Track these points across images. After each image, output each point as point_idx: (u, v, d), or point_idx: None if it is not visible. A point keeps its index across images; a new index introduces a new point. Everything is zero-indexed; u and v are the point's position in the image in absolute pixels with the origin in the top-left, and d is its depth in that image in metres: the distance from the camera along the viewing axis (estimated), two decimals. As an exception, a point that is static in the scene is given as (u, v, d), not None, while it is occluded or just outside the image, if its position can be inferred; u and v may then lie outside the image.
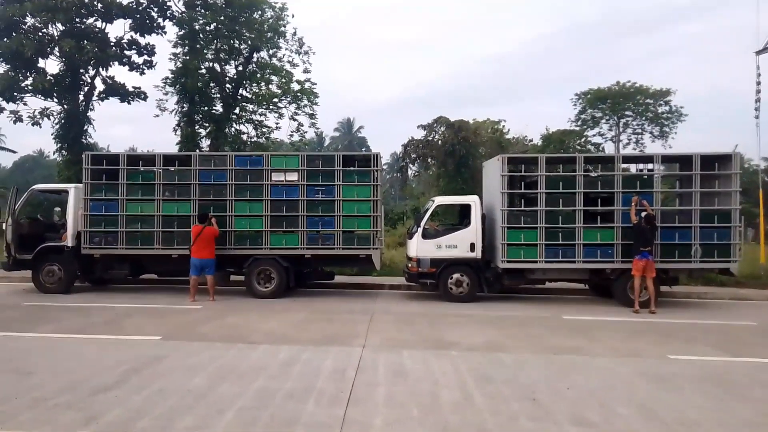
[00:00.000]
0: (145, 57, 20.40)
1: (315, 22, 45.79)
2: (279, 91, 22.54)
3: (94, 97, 20.01)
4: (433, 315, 9.31)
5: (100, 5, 18.83)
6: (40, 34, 18.89)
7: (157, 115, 21.69)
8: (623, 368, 6.04)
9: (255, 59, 22.09)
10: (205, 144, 21.05)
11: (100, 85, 20.01)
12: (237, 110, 22.17)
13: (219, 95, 21.64)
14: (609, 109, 32.09)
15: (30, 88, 18.63)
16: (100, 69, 19.72)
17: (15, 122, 18.79)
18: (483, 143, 24.92)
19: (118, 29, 50.88)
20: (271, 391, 5.00)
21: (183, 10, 20.21)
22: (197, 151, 19.24)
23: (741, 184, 10.41)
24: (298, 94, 22.67)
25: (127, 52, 20.08)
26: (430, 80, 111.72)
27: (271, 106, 22.80)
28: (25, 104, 19.15)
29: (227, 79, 21.84)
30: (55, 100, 19.38)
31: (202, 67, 20.66)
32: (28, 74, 18.77)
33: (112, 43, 19.57)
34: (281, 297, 10.85)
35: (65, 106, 19.35)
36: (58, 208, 12.83)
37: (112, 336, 7.34)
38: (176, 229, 10.91)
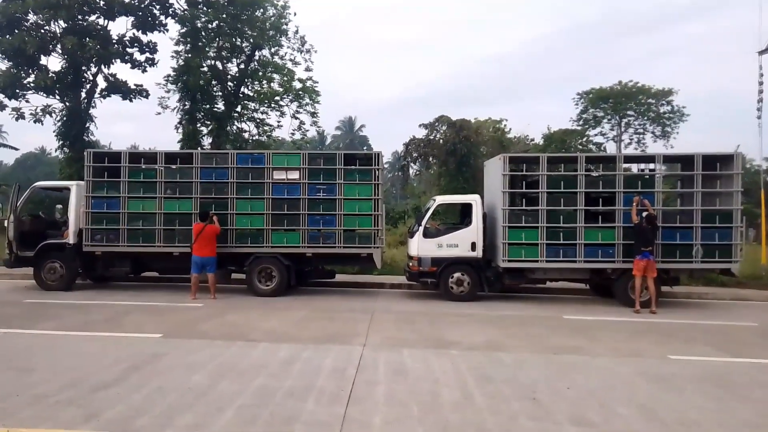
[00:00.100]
0: (147, 54, 20.37)
1: (315, 22, 45.56)
2: (281, 90, 22.50)
3: (96, 95, 19.98)
4: (434, 314, 9.32)
5: (102, 2, 18.79)
6: (43, 31, 18.88)
7: (159, 113, 21.71)
8: (624, 368, 6.05)
9: (257, 57, 22.06)
10: (207, 142, 21.02)
11: (102, 83, 20.01)
12: (239, 108, 22.14)
13: (221, 93, 21.61)
14: (611, 108, 32.03)
15: (32, 85, 18.61)
16: (102, 66, 19.69)
17: (17, 119, 18.81)
18: (484, 142, 24.92)
19: (121, 27, 51.13)
20: (272, 389, 5.01)
21: (185, 7, 20.17)
22: (199, 149, 19.25)
23: (743, 184, 10.41)
24: (300, 92, 22.64)
25: (129, 50, 20.05)
26: (431, 80, 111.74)
27: (273, 105, 22.78)
28: (27, 101, 19.14)
29: (229, 77, 21.82)
30: (57, 98, 19.35)
31: (204, 64, 20.63)
32: (30, 71, 18.77)
33: (115, 41, 19.55)
34: (282, 295, 10.87)
35: (67, 104, 19.34)
36: (59, 206, 12.87)
37: (113, 333, 7.35)
38: (177, 227, 10.94)
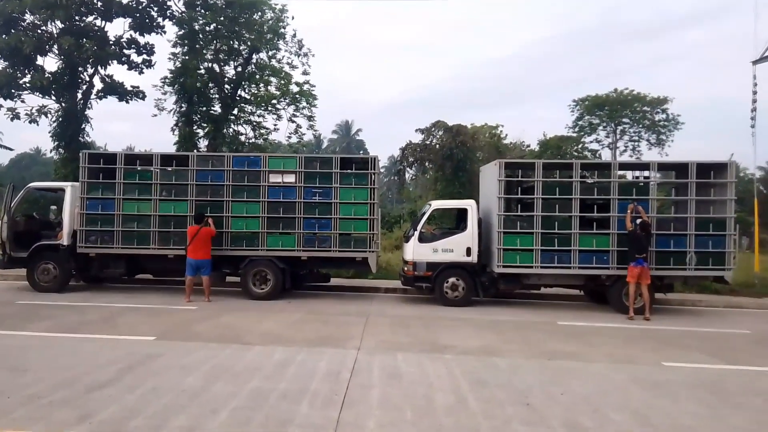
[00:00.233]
0: (144, 56, 20.31)
1: (313, 23, 45.71)
2: (278, 93, 22.55)
3: (93, 96, 19.93)
4: (429, 318, 9.33)
5: (99, 3, 18.77)
6: (39, 32, 18.81)
7: (156, 115, 21.71)
8: (617, 374, 6.07)
9: (254, 60, 22.11)
10: (203, 144, 21.02)
11: (98, 84, 19.94)
12: (235, 111, 22.16)
13: (218, 96, 21.63)
14: (606, 116, 32.32)
15: (28, 85, 18.52)
16: (99, 67, 19.63)
17: (12, 119, 18.66)
18: (480, 148, 25.07)
19: (118, 28, 50.89)
20: (265, 392, 5.01)
21: (183, 9, 20.21)
22: (195, 151, 19.22)
23: (736, 192, 10.49)
24: (297, 95, 22.70)
25: (126, 51, 20.00)
26: (429, 83, 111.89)
27: (270, 108, 22.83)
28: (23, 101, 19.03)
29: (226, 79, 21.84)
30: (53, 98, 19.27)
31: (201, 67, 20.65)
32: (27, 71, 18.66)
33: (112, 42, 19.50)
34: (277, 298, 10.84)
35: (63, 104, 19.26)
36: (54, 207, 12.81)
37: (107, 335, 7.31)
38: (173, 229, 10.90)
